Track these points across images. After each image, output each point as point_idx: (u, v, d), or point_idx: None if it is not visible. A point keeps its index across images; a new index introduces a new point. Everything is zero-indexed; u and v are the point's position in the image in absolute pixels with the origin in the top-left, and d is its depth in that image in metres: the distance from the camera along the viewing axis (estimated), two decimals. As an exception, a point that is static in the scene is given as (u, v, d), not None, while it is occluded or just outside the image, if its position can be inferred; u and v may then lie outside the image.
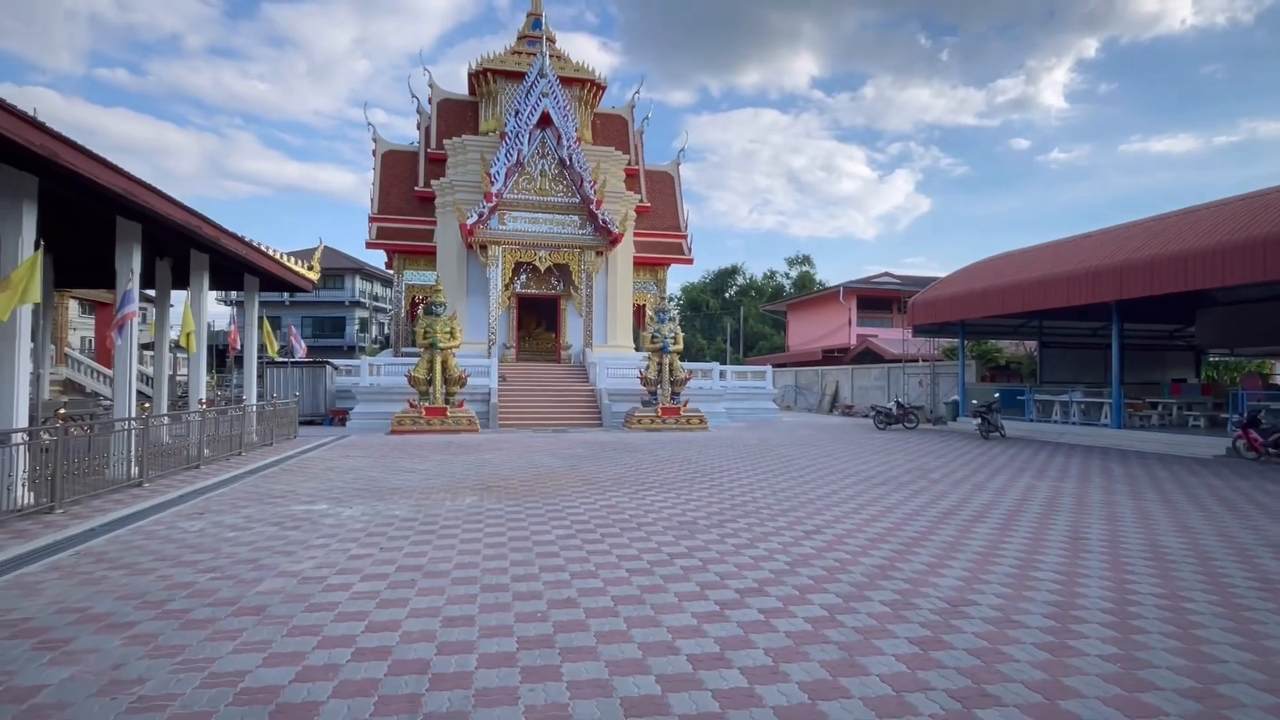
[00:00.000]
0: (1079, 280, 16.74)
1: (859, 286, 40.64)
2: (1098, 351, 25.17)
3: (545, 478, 10.47)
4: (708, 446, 15.54)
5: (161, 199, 9.38)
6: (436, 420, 18.93)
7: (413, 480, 10.15)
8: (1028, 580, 5.27)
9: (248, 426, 14.53)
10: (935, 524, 7.31)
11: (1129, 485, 10.28)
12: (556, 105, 25.19)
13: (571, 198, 25.58)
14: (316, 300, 54.60)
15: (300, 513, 7.70)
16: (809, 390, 35.91)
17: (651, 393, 20.90)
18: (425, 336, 19.47)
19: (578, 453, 13.96)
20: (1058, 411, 19.71)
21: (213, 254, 13.21)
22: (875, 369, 30.86)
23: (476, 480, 10.19)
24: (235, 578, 5.19)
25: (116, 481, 9.25)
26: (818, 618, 4.40)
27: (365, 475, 10.70)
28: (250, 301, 16.20)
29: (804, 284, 61.63)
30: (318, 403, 21.75)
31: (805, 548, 6.24)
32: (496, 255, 25.01)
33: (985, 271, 21.89)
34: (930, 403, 25.96)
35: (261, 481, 10.06)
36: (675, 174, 32.43)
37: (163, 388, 14.32)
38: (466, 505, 8.18)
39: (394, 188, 28.89)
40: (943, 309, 21.96)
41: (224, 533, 6.69)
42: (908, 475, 11.12)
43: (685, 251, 30.55)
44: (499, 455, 13.49)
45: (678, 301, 70.21)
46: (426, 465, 11.92)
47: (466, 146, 26.62)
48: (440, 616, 4.36)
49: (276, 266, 14.79)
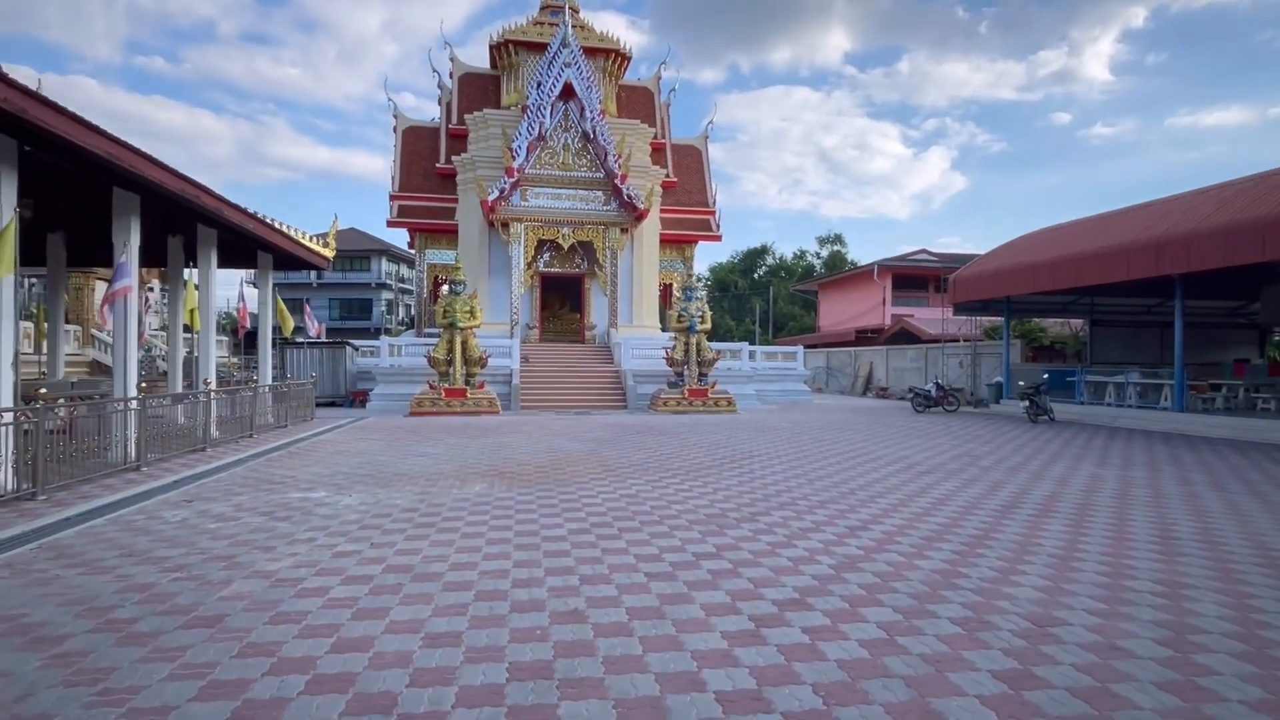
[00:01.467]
0: (1140, 252, 15.50)
1: (894, 264, 39.21)
2: (1151, 330, 23.75)
3: (563, 463, 9.79)
4: (736, 430, 14.75)
5: (152, 164, 8.80)
6: (456, 402, 18.40)
7: (422, 465, 9.54)
8: (1123, 591, 4.43)
9: (260, 408, 14.10)
10: (997, 519, 6.46)
11: (1207, 475, 9.26)
12: (579, 76, 24.29)
13: (595, 172, 24.74)
14: (343, 282, 54.65)
15: (295, 501, 7.11)
16: (841, 372, 34.80)
17: (678, 374, 20.12)
18: (445, 316, 18.92)
19: (599, 436, 13.27)
20: (1111, 394, 18.49)
21: (220, 229, 12.70)
22: (911, 349, 29.67)
23: (489, 465, 9.54)
24: (201, 578, 4.57)
25: (113, 465, 8.79)
26: (874, 640, 3.63)
27: (373, 459, 10.12)
28: (264, 280, 15.72)
29: (835, 264, 60.04)
30: (338, 384, 21.38)
31: (851, 547, 5.45)
32: (519, 233, 24.32)
33: (1032, 246, 20.61)
34: (971, 385, 24.78)
35: (265, 466, 9.54)
36: (703, 148, 31.34)
37: (177, 368, 13.93)
38: (474, 494, 7.52)
39: (415, 165, 28.30)
40: (987, 285, 20.76)
41: (206, 523, 6.11)
42: (955, 462, 10.22)
43: (713, 228, 29.55)
44: (517, 438, 12.86)
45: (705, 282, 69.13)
46: (439, 449, 11.32)
47: (488, 121, 25.87)
48: (422, 633, 3.68)
49: (288, 243, 14.25)
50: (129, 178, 8.85)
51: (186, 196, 9.80)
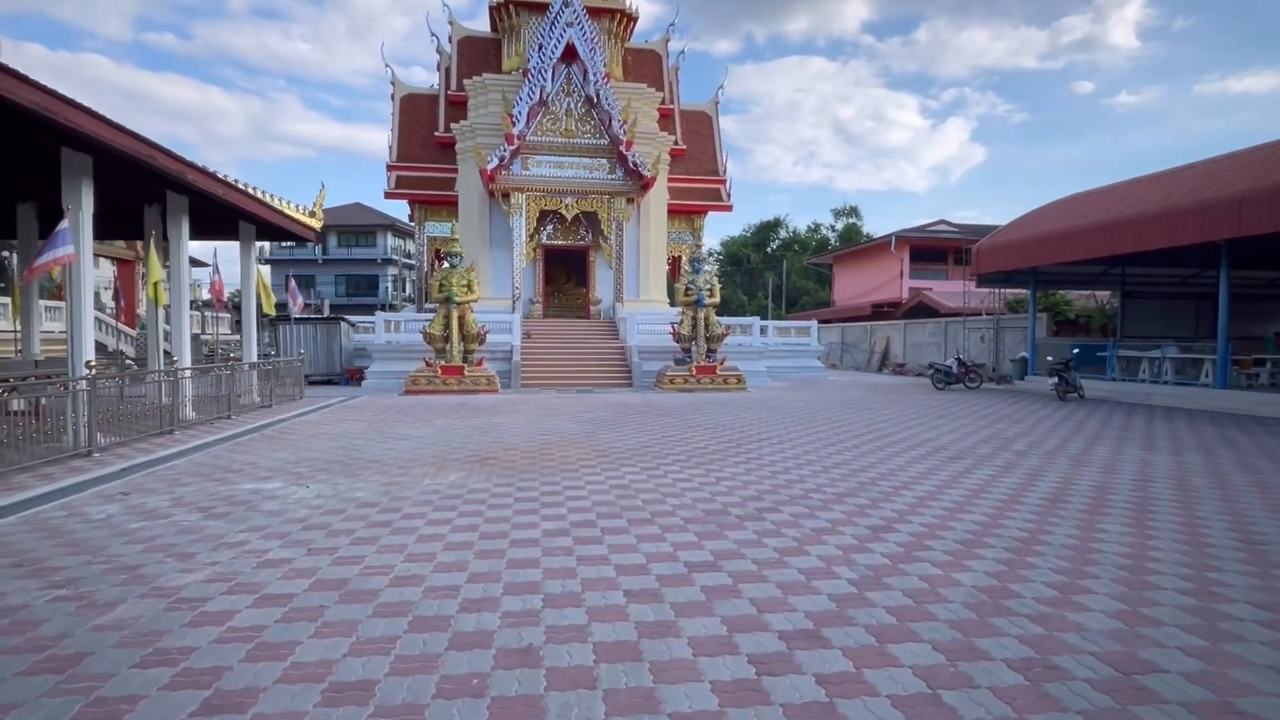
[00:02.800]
0: (1183, 216, 14.32)
1: (912, 236, 37.85)
2: (1187, 302, 22.53)
3: (554, 447, 8.97)
4: (746, 409, 13.87)
5: (94, 119, 7.93)
6: (453, 380, 17.61)
7: (400, 450, 8.75)
8: (1219, 619, 3.54)
9: (241, 386, 13.38)
10: (1043, 517, 5.56)
11: (1274, 462, 8.29)
12: (583, 36, 23.08)
13: (600, 139, 23.61)
14: (349, 258, 53.99)
15: (244, 493, 6.33)
16: (857, 347, 33.73)
17: (685, 350, 19.21)
18: (441, 290, 18.06)
19: (599, 416, 12.44)
20: (1145, 369, 17.41)
21: (192, 196, 11.86)
22: (930, 324, 28.53)
23: (473, 450, 8.74)
24: (88, 598, 3.78)
25: (64, 451, 8.07)
26: (915, 698, 2.77)
27: (350, 443, 9.35)
28: (247, 252, 14.90)
29: (850, 236, 58.47)
30: (333, 361, 20.65)
31: (875, 555, 4.58)
32: (520, 203, 23.31)
33: (1060, 213, 19.38)
34: (994, 360, 23.70)
35: (229, 451, 8.78)
36: (714, 114, 30.03)
37: (157, 346, 13.21)
38: (447, 484, 6.71)
39: (414, 134, 27.27)
40: (1013, 255, 19.60)
41: (130, 522, 5.34)
42: (985, 445, 9.30)
43: (724, 198, 28.37)
44: (511, 419, 12.06)
45: (716, 256, 67.80)
46: (425, 431, 10.54)
47: (488, 86, 24.73)
48: (326, 683, 2.86)
49: (267, 211, 13.41)
50: (70, 134, 7.99)
51: (140, 157, 8.94)
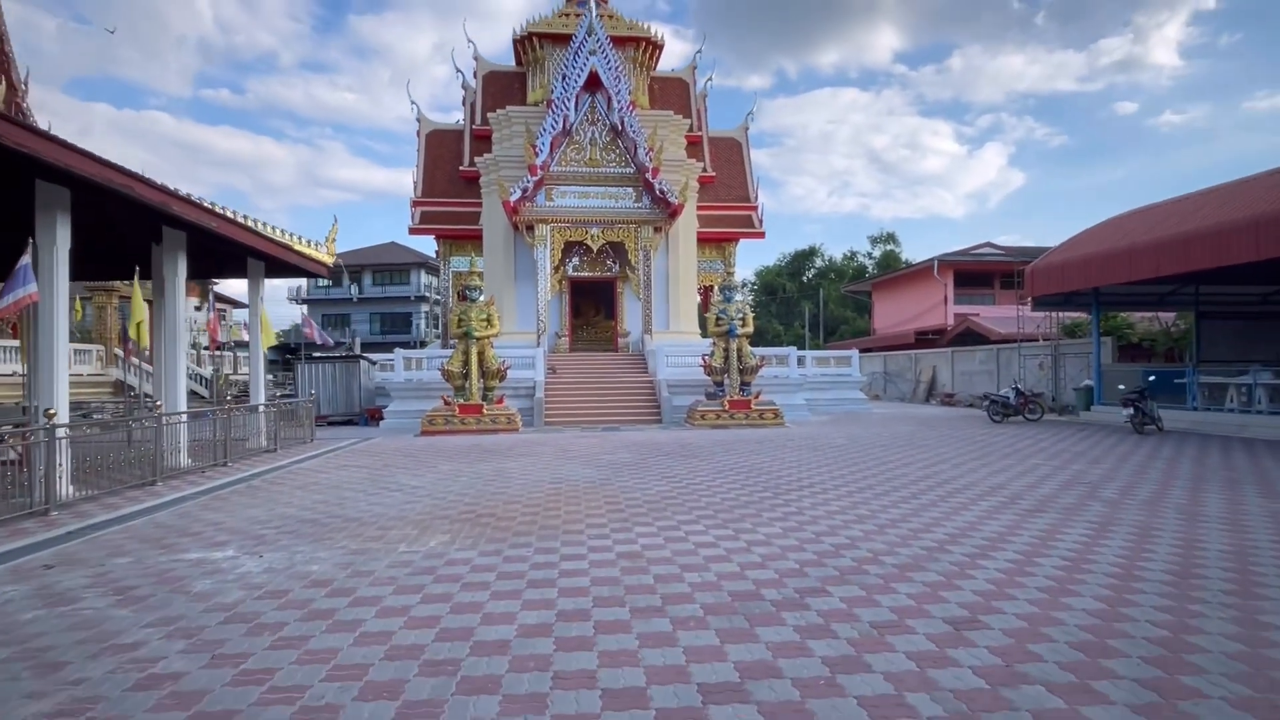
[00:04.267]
0: (1274, 225, 12.74)
1: (956, 259, 36.21)
2: (1268, 322, 20.56)
3: (563, 498, 7.85)
4: (783, 448, 12.58)
5: (52, 143, 7.24)
6: (471, 419, 16.69)
7: (388, 505, 7.72)
8: None
9: (244, 430, 12.62)
10: (1178, 603, 4.22)
11: None
12: (606, 64, 22.50)
13: (625, 168, 22.88)
14: (383, 296, 54.31)
15: (183, 567, 5.34)
16: (900, 377, 32.04)
17: (718, 383, 18.01)
18: (460, 325, 17.26)
19: (621, 459, 11.30)
20: (1233, 397, 15.60)
21: (190, 232, 11.25)
22: (980, 351, 26.82)
23: (470, 504, 7.66)
24: (-124, 746, 2.77)
25: (18, 509, 7.25)
26: None
27: (338, 495, 8.37)
28: (255, 289, 14.31)
29: (889, 263, 56.73)
30: (352, 401, 19.96)
31: (964, 669, 3.32)
32: (544, 235, 22.61)
33: (1122, 229, 17.82)
34: (1053, 389, 21.92)
35: (201, 507, 7.86)
36: (743, 140, 29.23)
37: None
38: (424, 553, 5.63)
39: (439, 169, 27.00)
40: (1072, 275, 18.03)
41: (23, 611, 4.36)
42: (1068, 493, 7.88)
43: (756, 224, 27.35)
44: (524, 463, 10.99)
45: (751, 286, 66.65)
46: (426, 479, 9.52)
47: (511, 119, 24.32)
48: None
49: (270, 245, 12.77)
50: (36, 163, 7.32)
51: (114, 186, 8.26)
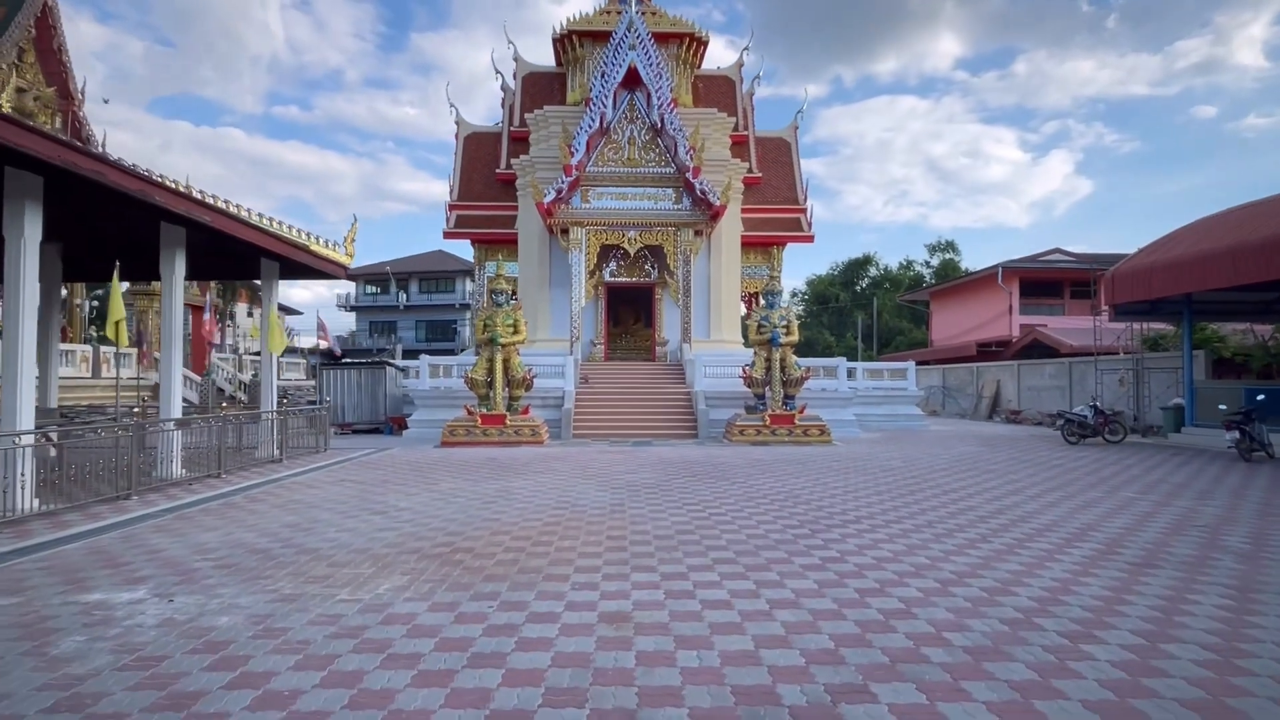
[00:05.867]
0: None
1: (1022, 266, 33.84)
2: (1395, 335, 18.08)
3: (560, 529, 6.71)
4: (828, 470, 11.19)
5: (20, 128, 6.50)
6: (494, 430, 15.74)
7: (356, 533, 6.71)
8: None
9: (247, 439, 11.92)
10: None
11: None
12: (646, 60, 21.48)
13: (665, 167, 21.76)
14: (428, 304, 54.49)
15: (67, 615, 4.39)
16: (960, 392, 29.94)
17: (758, 396, 16.65)
18: (484, 331, 16.38)
19: (642, 479, 10.10)
20: (1360, 421, 13.45)
21: (190, 228, 10.59)
22: (1050, 364, 24.66)
23: (450, 535, 6.59)
24: None
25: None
26: None
27: (310, 519, 7.41)
28: (268, 291, 13.69)
29: (947, 273, 54.00)
30: (377, 408, 19.28)
31: None
32: (579, 238, 21.63)
33: (1221, 227, 15.76)
34: (1134, 407, 19.77)
35: (154, 529, 6.99)
36: (793, 140, 27.79)
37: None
38: (362, 604, 4.56)
39: (476, 173, 26.39)
40: (1161, 280, 16.06)
41: None
42: (1179, 539, 6.33)
43: (804, 228, 25.84)
44: (535, 482, 9.91)
45: (802, 295, 64.67)
46: (416, 500, 8.51)
47: (548, 119, 23.52)
48: None
49: (279, 245, 12.08)
50: None
51: (82, 171, 7.53)
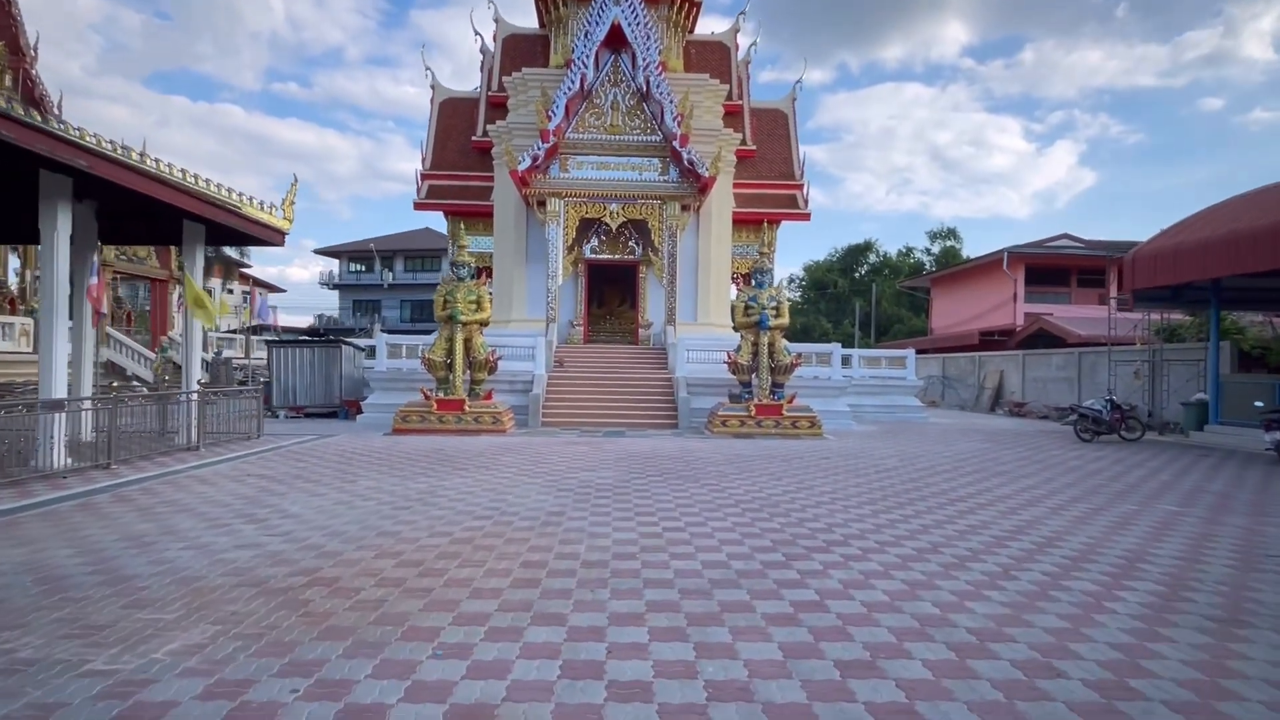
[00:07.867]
0: None
1: (1028, 252, 32.31)
2: None
3: (461, 554, 5.24)
4: (816, 468, 9.74)
5: None
6: (451, 417, 14.26)
7: (203, 554, 5.24)
8: None
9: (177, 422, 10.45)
10: None
11: None
12: (631, 17, 19.76)
13: (651, 135, 20.14)
14: (414, 283, 52.76)
15: None
16: (961, 382, 28.53)
17: (744, 384, 15.18)
18: (444, 307, 14.87)
19: (598, 480, 8.64)
20: None
21: (76, 177, 9.04)
22: (1058, 355, 23.21)
23: (319, 558, 5.13)
24: None
25: None
26: None
27: (162, 530, 5.94)
28: (191, 257, 12.14)
29: (948, 260, 52.45)
30: (332, 391, 17.75)
31: None
32: (557, 210, 20.04)
33: (1255, 206, 14.27)
34: (1149, 402, 18.35)
35: (-45, 541, 5.53)
36: (790, 112, 26.10)
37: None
38: (106, 684, 3.09)
39: (451, 141, 24.67)
40: (1186, 263, 14.57)
41: None
42: (1259, 576, 4.89)
43: (800, 205, 24.25)
44: (472, 480, 8.45)
45: (799, 281, 63.10)
46: (313, 505, 7.04)
47: (528, 82, 21.79)
48: None
49: (199, 205, 10.51)
50: None
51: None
